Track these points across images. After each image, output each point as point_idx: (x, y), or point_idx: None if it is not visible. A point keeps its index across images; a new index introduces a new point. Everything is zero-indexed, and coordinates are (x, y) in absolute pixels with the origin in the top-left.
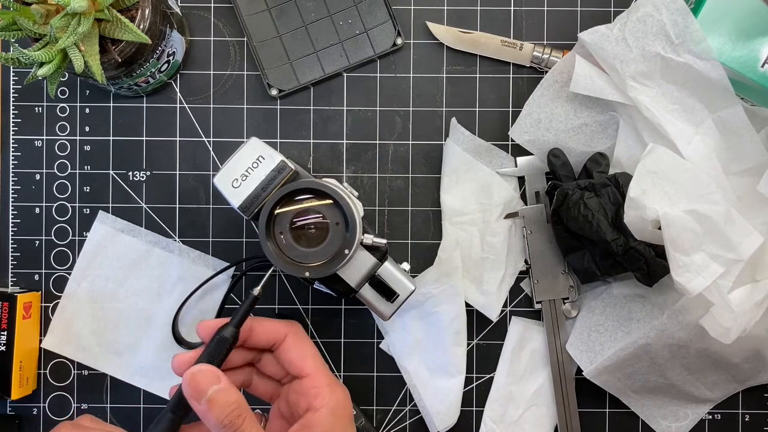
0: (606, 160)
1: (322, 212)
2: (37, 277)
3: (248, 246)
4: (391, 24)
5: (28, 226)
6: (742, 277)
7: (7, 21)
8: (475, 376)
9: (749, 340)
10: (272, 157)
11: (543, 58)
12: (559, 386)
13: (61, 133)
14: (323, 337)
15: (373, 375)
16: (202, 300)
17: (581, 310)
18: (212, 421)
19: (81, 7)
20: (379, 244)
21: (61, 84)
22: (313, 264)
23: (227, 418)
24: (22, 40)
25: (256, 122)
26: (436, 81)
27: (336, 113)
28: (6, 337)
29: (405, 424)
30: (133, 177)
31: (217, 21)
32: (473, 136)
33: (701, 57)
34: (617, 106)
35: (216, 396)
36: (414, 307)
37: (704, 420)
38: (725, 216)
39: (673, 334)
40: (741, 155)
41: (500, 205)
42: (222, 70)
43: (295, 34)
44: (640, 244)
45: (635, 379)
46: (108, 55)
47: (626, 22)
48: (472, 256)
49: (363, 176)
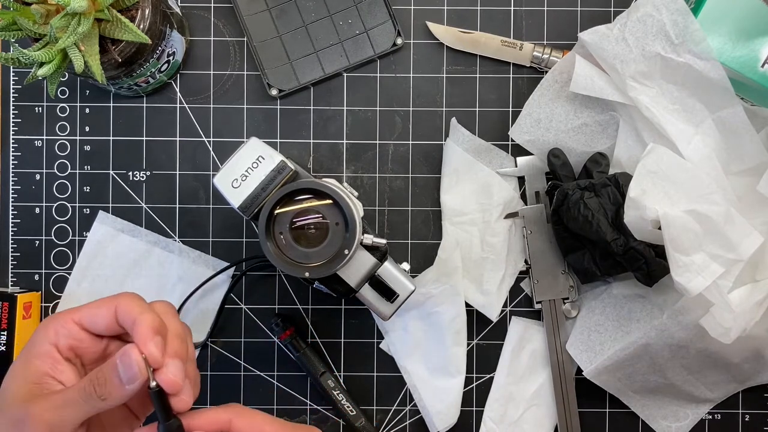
0: (606, 160)
1: (322, 212)
2: (37, 277)
3: (248, 246)
4: (391, 24)
5: (28, 226)
6: (742, 277)
7: (7, 21)
8: (475, 376)
9: (749, 340)
10: (272, 157)
11: (543, 58)
12: (559, 386)
13: (61, 133)
14: (323, 337)
15: (373, 375)
16: (202, 300)
17: (581, 310)
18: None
19: (81, 7)
20: (379, 244)
21: (61, 84)
22: (313, 264)
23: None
24: (22, 40)
25: (256, 122)
26: (436, 81)
27: (336, 113)
28: (6, 337)
29: (405, 424)
30: (133, 177)
31: (217, 21)
32: (473, 136)
33: (701, 57)
34: (617, 106)
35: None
36: (414, 307)
37: (704, 420)
38: (725, 216)
39: (673, 334)
40: (741, 155)
41: (500, 205)
42: (222, 70)
43: (295, 34)
44: (640, 244)
45: (635, 379)
46: (108, 55)
47: (626, 22)
48: (472, 256)
49: (363, 176)
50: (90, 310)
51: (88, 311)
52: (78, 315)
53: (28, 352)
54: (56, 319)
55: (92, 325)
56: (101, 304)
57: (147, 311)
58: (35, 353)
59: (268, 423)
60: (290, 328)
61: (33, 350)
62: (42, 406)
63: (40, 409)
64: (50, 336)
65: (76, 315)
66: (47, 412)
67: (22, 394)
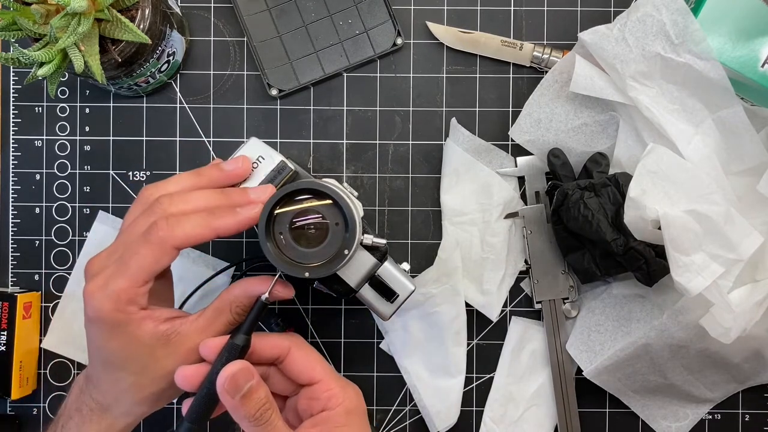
0: (606, 160)
1: (322, 212)
2: (37, 277)
3: (248, 246)
4: (391, 24)
5: (28, 226)
6: (742, 277)
7: (7, 21)
8: (475, 376)
9: (749, 340)
10: (272, 157)
11: (543, 58)
12: (559, 386)
13: (61, 133)
14: (323, 337)
15: (373, 375)
16: (202, 300)
17: (581, 310)
18: (242, 414)
19: (81, 7)
20: (379, 244)
21: (61, 84)
22: (313, 264)
23: (258, 412)
24: (22, 40)
25: (256, 122)
26: (436, 81)
27: (336, 113)
28: (6, 337)
29: (405, 424)
30: (133, 177)
31: (217, 21)
32: (473, 136)
33: (701, 57)
34: (617, 106)
35: (249, 391)
36: (414, 307)
37: (704, 420)
38: (725, 216)
39: (673, 334)
40: (741, 155)
41: (500, 205)
42: (222, 70)
43: (295, 34)
44: (640, 244)
45: (635, 379)
46: (108, 55)
47: (626, 22)
48: (472, 256)
49: (363, 176)
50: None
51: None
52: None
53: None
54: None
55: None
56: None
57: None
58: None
59: (320, 362)
60: (290, 328)
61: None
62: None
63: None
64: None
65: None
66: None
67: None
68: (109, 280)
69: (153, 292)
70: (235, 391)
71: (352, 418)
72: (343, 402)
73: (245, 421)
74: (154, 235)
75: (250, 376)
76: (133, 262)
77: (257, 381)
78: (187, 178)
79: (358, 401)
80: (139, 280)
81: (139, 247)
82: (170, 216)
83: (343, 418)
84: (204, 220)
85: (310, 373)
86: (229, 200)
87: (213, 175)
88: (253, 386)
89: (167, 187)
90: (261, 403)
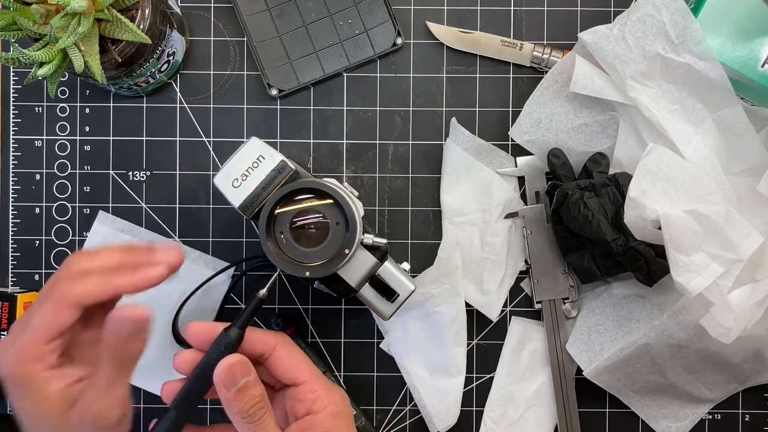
0: (606, 160)
1: (323, 212)
2: (37, 277)
3: (248, 246)
4: (391, 24)
5: (28, 226)
6: (742, 277)
7: (7, 21)
8: (475, 376)
9: (749, 340)
10: (272, 157)
11: (543, 58)
12: (559, 386)
13: (61, 133)
14: (323, 337)
15: (373, 375)
16: (202, 300)
17: (581, 310)
18: (236, 409)
19: (81, 7)
20: (379, 244)
21: (61, 84)
22: (313, 264)
23: (252, 409)
24: (22, 40)
25: (256, 122)
26: (436, 81)
27: (336, 113)
28: None
29: (405, 424)
30: (133, 177)
31: (217, 21)
32: (473, 136)
33: (701, 57)
34: (617, 106)
35: (245, 386)
36: (414, 307)
37: (704, 420)
38: (725, 216)
39: (673, 334)
40: (741, 155)
41: (500, 205)
42: (222, 70)
43: (295, 34)
44: (640, 244)
45: (635, 379)
46: (108, 55)
47: (626, 22)
48: (472, 256)
49: (363, 176)
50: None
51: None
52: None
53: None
54: None
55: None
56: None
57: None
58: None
59: (305, 363)
60: (290, 328)
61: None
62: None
63: None
64: None
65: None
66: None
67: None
68: (16, 338)
69: (80, 350)
70: (231, 383)
71: (338, 422)
72: (328, 405)
73: (238, 416)
74: (55, 293)
75: (247, 372)
76: (35, 319)
77: (254, 378)
78: (115, 253)
79: (344, 405)
80: (42, 337)
81: (41, 304)
82: (72, 274)
83: (329, 422)
84: (103, 279)
85: (295, 372)
86: (134, 259)
87: (140, 259)
88: (250, 382)
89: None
90: (255, 401)
